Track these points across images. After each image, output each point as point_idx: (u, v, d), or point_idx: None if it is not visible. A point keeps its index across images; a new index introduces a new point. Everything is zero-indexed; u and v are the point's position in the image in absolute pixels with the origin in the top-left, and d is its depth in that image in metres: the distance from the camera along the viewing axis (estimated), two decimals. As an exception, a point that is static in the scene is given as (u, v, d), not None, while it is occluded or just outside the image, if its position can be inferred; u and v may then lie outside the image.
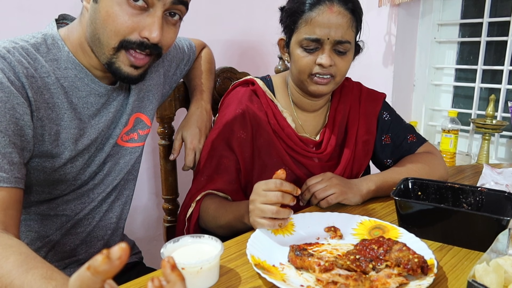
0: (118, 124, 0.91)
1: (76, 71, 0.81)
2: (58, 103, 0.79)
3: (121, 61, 0.78)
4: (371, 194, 1.02)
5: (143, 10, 0.75)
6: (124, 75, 0.80)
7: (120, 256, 0.36)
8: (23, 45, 0.76)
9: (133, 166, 0.99)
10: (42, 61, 0.77)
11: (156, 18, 0.75)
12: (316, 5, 0.95)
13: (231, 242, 0.81)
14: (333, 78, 1.00)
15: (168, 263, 0.40)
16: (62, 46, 0.80)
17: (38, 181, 0.82)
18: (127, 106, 0.92)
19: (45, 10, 1.23)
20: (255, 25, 1.78)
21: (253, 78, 1.12)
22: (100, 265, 0.36)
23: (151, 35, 0.75)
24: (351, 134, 1.11)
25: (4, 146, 0.69)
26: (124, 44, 0.76)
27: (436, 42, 1.99)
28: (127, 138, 0.95)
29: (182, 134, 1.10)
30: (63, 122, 0.80)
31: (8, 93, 0.69)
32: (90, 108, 0.84)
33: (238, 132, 1.04)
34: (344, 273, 0.66)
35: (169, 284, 0.40)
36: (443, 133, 1.77)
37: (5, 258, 0.58)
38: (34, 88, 0.74)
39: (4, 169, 0.68)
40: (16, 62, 0.72)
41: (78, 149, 0.83)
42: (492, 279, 0.57)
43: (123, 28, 0.75)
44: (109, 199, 0.95)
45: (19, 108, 0.71)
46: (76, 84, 0.82)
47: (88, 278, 0.37)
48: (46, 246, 0.89)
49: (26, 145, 0.74)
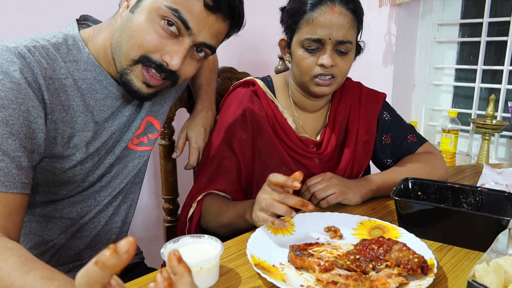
0: (131, 128, 0.91)
1: (95, 73, 0.81)
2: (74, 105, 0.78)
3: (134, 74, 0.78)
4: (371, 194, 1.02)
5: (173, 37, 0.76)
6: (134, 89, 0.80)
7: (128, 250, 0.37)
8: (44, 45, 0.75)
9: (140, 169, 0.98)
10: (61, 62, 0.77)
11: (182, 48, 0.76)
12: (317, 5, 0.95)
13: (231, 242, 0.81)
14: (334, 79, 1.00)
15: (174, 255, 0.41)
16: (83, 48, 0.80)
17: (45, 181, 0.81)
18: (142, 110, 0.91)
19: (45, 10, 1.23)
20: (255, 26, 1.77)
21: (254, 79, 1.12)
22: (108, 259, 0.37)
23: (172, 62, 0.76)
24: (351, 134, 1.11)
25: (14, 149, 0.68)
26: (144, 60, 0.76)
27: (436, 42, 1.99)
28: (137, 142, 0.94)
29: (187, 133, 1.09)
30: (77, 125, 0.79)
31: (25, 95, 0.69)
32: (106, 111, 0.84)
33: (238, 133, 1.04)
34: (344, 273, 0.66)
35: (177, 276, 0.41)
36: (443, 133, 1.77)
37: (5, 260, 0.58)
38: (51, 90, 0.74)
39: (12, 174, 0.68)
40: (35, 62, 0.71)
41: (89, 152, 0.83)
42: (492, 279, 0.57)
43: (148, 45, 0.75)
44: (115, 202, 0.95)
45: (33, 111, 0.70)
46: (94, 86, 0.81)
47: (96, 273, 0.38)
48: (51, 250, 0.88)
49: (37, 148, 0.73)
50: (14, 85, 0.68)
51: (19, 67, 0.69)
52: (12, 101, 0.67)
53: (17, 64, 0.69)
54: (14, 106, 0.68)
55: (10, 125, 0.67)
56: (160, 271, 0.41)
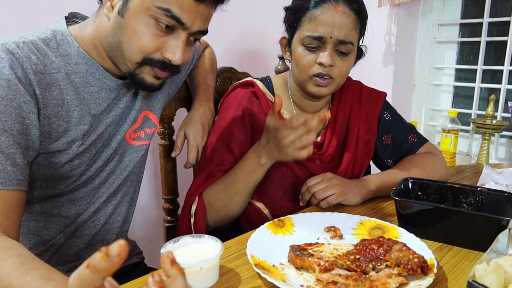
0: (126, 120, 0.91)
1: (87, 66, 0.81)
2: (68, 99, 0.79)
3: (146, 73, 0.81)
4: (371, 194, 1.02)
5: (169, 32, 0.78)
6: (147, 85, 0.83)
7: (119, 253, 0.36)
8: (33, 40, 0.76)
9: (137, 165, 0.98)
10: (52, 57, 0.77)
11: (180, 42, 0.78)
12: (321, 3, 0.94)
13: (231, 242, 0.81)
14: (332, 80, 0.99)
15: (168, 258, 0.40)
16: (72, 42, 0.80)
17: (43, 176, 0.81)
18: (136, 102, 0.92)
19: (45, 10, 1.23)
20: (255, 26, 1.78)
21: (253, 80, 1.12)
22: (99, 262, 0.36)
23: (174, 58, 0.79)
24: (352, 135, 1.11)
25: (8, 146, 0.68)
26: (148, 61, 0.79)
27: (436, 42, 1.99)
28: (134, 136, 0.95)
29: (185, 131, 1.09)
30: (73, 119, 0.80)
31: (15, 91, 0.69)
32: (102, 104, 0.84)
33: (237, 134, 1.03)
34: (344, 273, 0.66)
35: (170, 279, 0.40)
36: (443, 133, 1.77)
37: (4, 260, 0.58)
38: (43, 85, 0.74)
39: (7, 171, 0.68)
40: (24, 58, 0.71)
41: (85, 144, 0.83)
42: (492, 279, 0.57)
43: (148, 47, 0.77)
44: (114, 200, 0.95)
45: (25, 107, 0.70)
46: (87, 79, 0.82)
47: (88, 276, 0.37)
48: (50, 250, 0.88)
49: (32, 144, 0.73)
50: (4, 82, 0.68)
51: (8, 64, 0.69)
52: (2, 98, 0.67)
53: (5, 60, 0.69)
54: (5, 103, 0.68)
55: (2, 122, 0.67)
56: (151, 274, 0.40)
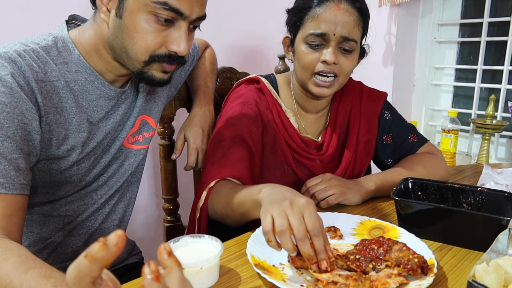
0: (125, 127, 0.91)
1: (86, 75, 0.82)
2: (67, 107, 0.79)
3: (154, 69, 0.81)
4: (371, 194, 1.02)
5: (170, 25, 0.78)
6: (157, 81, 0.83)
7: (117, 243, 0.37)
8: (34, 48, 0.76)
9: (136, 168, 0.99)
10: (52, 65, 0.78)
11: (182, 33, 0.78)
12: (323, 1, 0.95)
13: (231, 242, 0.81)
14: (336, 78, 0.99)
15: (165, 249, 0.40)
16: (73, 49, 0.81)
17: (43, 183, 0.82)
18: (135, 108, 0.92)
19: (45, 10, 1.23)
20: (255, 27, 1.78)
21: (258, 77, 1.11)
22: (98, 252, 0.37)
23: (180, 49, 0.79)
24: (352, 134, 1.11)
25: (11, 151, 0.69)
26: (155, 58, 0.79)
27: (436, 42, 1.99)
28: (132, 140, 0.95)
29: (185, 134, 1.09)
30: (72, 127, 0.80)
31: (18, 98, 0.70)
32: (100, 112, 0.85)
33: (250, 126, 1.01)
34: (344, 273, 0.66)
35: (166, 270, 0.40)
36: (443, 133, 1.77)
37: (5, 260, 0.58)
38: (44, 92, 0.75)
39: (10, 176, 0.68)
40: (26, 67, 0.72)
41: (85, 152, 0.83)
42: (492, 279, 0.57)
43: (152, 45, 0.77)
44: (112, 201, 0.95)
45: (28, 114, 0.71)
46: (86, 87, 0.82)
47: (86, 266, 0.38)
48: (48, 248, 0.89)
49: (33, 150, 0.74)
50: (7, 89, 0.69)
51: (10, 72, 0.70)
52: (5, 104, 0.68)
53: (8, 68, 0.70)
54: (8, 110, 0.68)
55: (5, 128, 0.68)
56: (147, 264, 0.39)
